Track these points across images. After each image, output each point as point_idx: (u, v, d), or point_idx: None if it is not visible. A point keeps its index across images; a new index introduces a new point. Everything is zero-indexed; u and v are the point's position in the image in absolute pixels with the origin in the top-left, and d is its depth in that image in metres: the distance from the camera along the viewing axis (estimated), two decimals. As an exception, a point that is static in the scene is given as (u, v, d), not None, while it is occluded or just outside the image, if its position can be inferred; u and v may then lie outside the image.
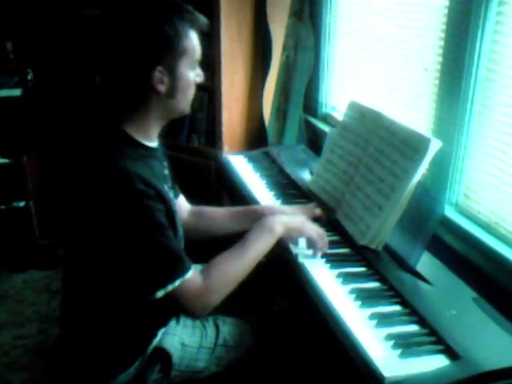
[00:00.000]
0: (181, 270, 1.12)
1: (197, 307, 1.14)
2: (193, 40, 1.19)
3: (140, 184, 1.10)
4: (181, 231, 1.31)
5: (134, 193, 1.10)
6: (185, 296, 1.12)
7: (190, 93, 1.24)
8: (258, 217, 1.47)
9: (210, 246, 1.33)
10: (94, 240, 1.16)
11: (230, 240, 1.28)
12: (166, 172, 1.31)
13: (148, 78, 1.15)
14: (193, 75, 1.22)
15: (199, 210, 1.54)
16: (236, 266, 1.20)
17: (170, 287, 1.10)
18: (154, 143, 1.26)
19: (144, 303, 1.14)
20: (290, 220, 1.31)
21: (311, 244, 1.32)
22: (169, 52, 1.15)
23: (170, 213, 1.19)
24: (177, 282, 1.10)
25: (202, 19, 1.21)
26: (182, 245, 1.35)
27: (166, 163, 1.34)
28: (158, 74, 1.15)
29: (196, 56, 1.21)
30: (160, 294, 1.10)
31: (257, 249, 1.23)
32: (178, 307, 1.14)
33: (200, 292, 1.13)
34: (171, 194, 1.28)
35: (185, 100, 1.23)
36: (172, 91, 1.19)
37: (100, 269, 1.18)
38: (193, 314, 1.17)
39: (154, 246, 1.11)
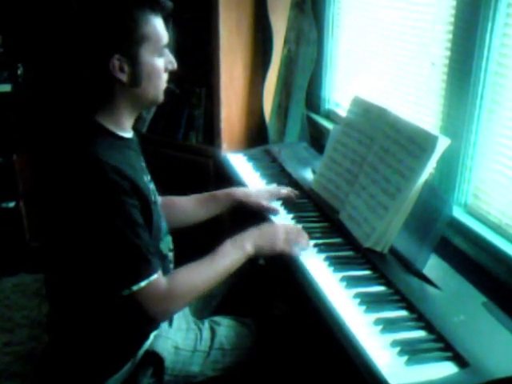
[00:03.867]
0: (147, 271, 1.12)
1: (158, 311, 1.14)
2: (154, 26, 1.18)
3: (114, 175, 1.11)
4: (163, 224, 1.32)
5: (106, 184, 1.10)
6: (147, 298, 1.12)
7: (158, 80, 1.23)
8: (224, 200, 1.57)
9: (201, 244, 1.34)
10: (67, 235, 1.17)
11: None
12: (143, 164, 1.31)
13: (106, 67, 1.16)
14: (160, 62, 1.22)
15: (170, 202, 1.56)
16: (202, 276, 1.21)
17: (135, 287, 1.10)
18: (128, 134, 1.26)
19: (115, 302, 1.14)
20: (260, 237, 1.33)
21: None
22: (126, 40, 1.15)
23: (148, 206, 1.19)
24: (142, 283, 1.11)
25: (165, 3, 1.20)
26: (170, 240, 1.36)
27: (142, 156, 1.34)
28: (117, 62, 1.16)
29: (161, 42, 1.21)
30: (125, 293, 1.11)
31: (225, 263, 1.25)
32: (136, 310, 1.13)
33: (163, 296, 1.14)
34: (151, 186, 1.28)
35: (152, 88, 1.23)
36: (135, 79, 1.19)
37: (77, 268, 1.18)
38: (151, 319, 1.16)
39: (122, 243, 1.11)
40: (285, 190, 1.65)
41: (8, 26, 2.60)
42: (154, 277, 1.13)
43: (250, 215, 1.60)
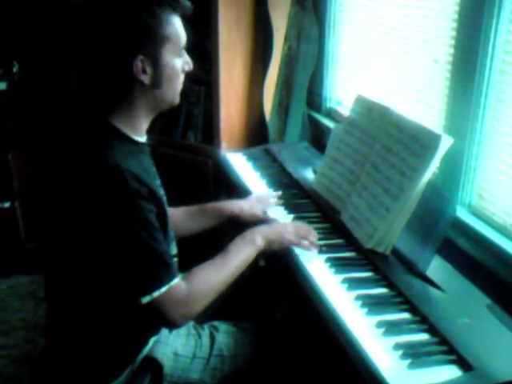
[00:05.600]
0: (168, 277, 1.12)
1: (178, 316, 1.14)
2: (175, 26, 1.19)
3: (133, 182, 1.11)
4: (171, 231, 1.32)
5: (126, 191, 1.10)
6: (168, 304, 1.12)
7: (178, 82, 1.24)
8: (215, 214, 1.56)
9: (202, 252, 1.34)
10: (78, 241, 1.16)
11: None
12: (154, 168, 1.32)
13: (129, 68, 1.15)
14: (179, 63, 1.22)
15: None
16: (217, 275, 1.22)
17: (156, 293, 1.10)
18: (143, 138, 1.27)
19: (134, 308, 1.14)
20: (270, 232, 1.35)
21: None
22: (149, 40, 1.15)
23: (162, 211, 1.20)
24: (163, 289, 1.11)
25: (185, 3, 1.21)
26: (174, 245, 1.36)
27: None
28: (140, 63, 1.15)
29: (180, 42, 1.21)
30: (145, 300, 1.10)
31: (238, 260, 1.26)
32: (157, 316, 1.13)
33: (183, 300, 1.14)
34: (161, 191, 1.29)
35: (172, 90, 1.24)
36: (157, 81, 1.19)
37: (85, 272, 1.18)
38: (173, 324, 1.16)
39: (143, 249, 1.11)
40: (273, 200, 1.64)
41: (2, 22, 2.60)
42: (175, 281, 1.13)
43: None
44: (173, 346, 1.28)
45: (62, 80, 2.62)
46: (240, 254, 1.27)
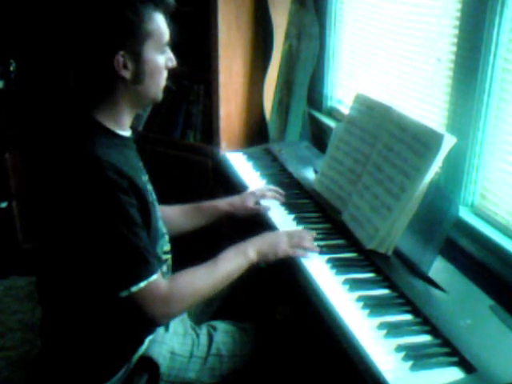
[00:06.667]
0: (146, 272, 1.13)
1: (157, 314, 1.15)
2: (158, 22, 1.20)
3: (112, 173, 1.12)
4: (160, 225, 1.32)
5: (104, 183, 1.11)
6: (147, 300, 1.12)
7: (160, 78, 1.26)
8: (210, 212, 1.58)
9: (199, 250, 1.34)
10: (62, 236, 1.17)
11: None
12: (141, 164, 1.32)
13: (111, 64, 1.17)
14: (162, 59, 1.24)
15: None
16: (204, 280, 1.23)
17: (134, 288, 1.11)
18: (126, 132, 1.28)
19: (115, 303, 1.14)
20: (264, 244, 1.36)
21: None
22: (131, 36, 1.17)
23: (146, 206, 1.20)
24: (142, 284, 1.12)
25: (168, 0, 1.23)
26: (166, 242, 1.36)
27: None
28: (121, 58, 1.17)
29: (163, 39, 1.23)
30: (124, 294, 1.11)
31: (227, 269, 1.27)
32: (136, 311, 1.14)
33: (163, 298, 1.15)
34: (149, 186, 1.29)
35: (154, 86, 1.25)
36: (138, 76, 1.21)
37: (72, 270, 1.18)
38: (152, 321, 1.17)
39: (120, 243, 1.12)
40: (270, 192, 1.66)
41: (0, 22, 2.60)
42: (154, 277, 1.14)
43: (247, 219, 1.61)
44: (169, 346, 1.29)
45: (59, 79, 2.61)
46: (230, 264, 1.27)
